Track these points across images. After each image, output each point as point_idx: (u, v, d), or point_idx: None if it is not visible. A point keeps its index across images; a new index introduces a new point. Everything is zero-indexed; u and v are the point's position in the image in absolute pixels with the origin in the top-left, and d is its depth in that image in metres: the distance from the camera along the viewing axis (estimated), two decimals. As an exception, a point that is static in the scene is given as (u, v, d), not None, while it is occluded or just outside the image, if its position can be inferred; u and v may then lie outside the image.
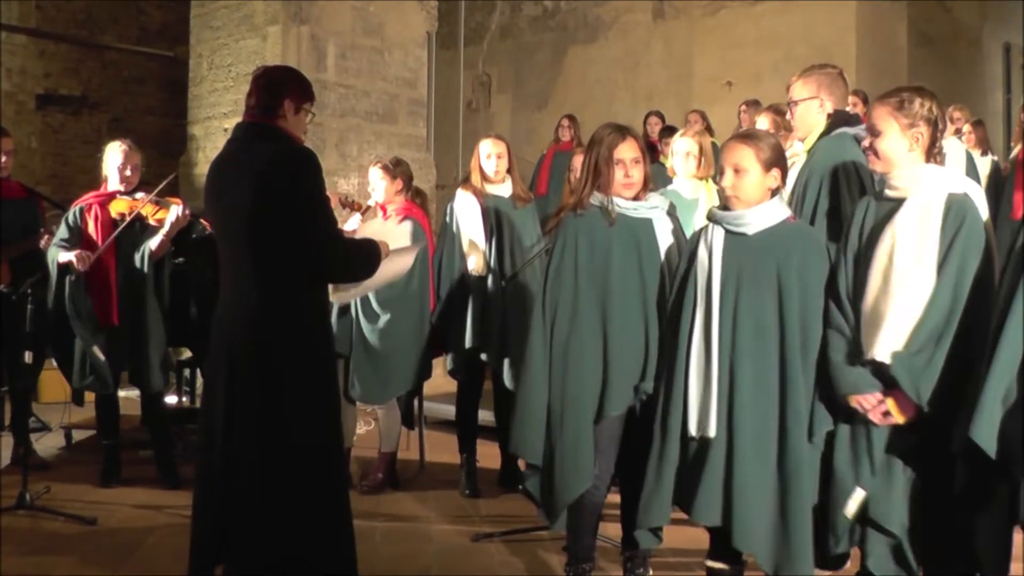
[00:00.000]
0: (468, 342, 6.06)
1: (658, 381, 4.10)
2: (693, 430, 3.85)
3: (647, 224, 4.32)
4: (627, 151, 4.32)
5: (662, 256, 4.29)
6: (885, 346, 3.48)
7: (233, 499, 3.85)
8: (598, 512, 4.44)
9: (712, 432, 3.79)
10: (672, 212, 4.46)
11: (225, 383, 3.88)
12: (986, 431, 3.18)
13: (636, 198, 4.35)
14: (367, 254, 4.13)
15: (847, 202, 4.33)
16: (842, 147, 4.51)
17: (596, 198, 4.34)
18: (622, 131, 4.38)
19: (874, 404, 3.52)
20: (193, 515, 4.03)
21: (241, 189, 3.83)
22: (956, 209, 3.48)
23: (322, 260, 3.91)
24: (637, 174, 4.33)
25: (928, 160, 3.65)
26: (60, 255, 6.16)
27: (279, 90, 3.97)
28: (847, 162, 4.44)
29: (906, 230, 3.51)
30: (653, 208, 4.36)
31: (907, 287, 3.46)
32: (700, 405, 3.84)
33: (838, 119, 4.63)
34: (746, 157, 3.89)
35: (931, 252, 3.46)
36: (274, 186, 3.79)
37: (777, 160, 3.90)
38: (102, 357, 6.16)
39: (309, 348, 3.91)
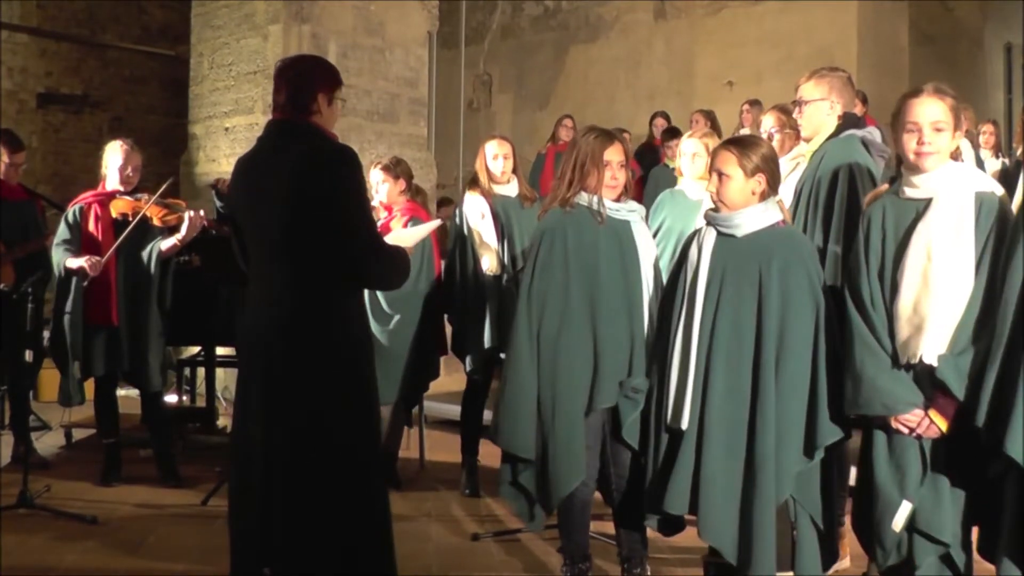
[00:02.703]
0: (488, 342, 6.06)
1: (650, 378, 4.17)
2: (670, 422, 3.93)
3: (626, 226, 4.42)
4: (615, 154, 4.41)
5: (641, 257, 4.38)
6: (932, 348, 3.44)
7: (274, 505, 3.77)
8: (588, 509, 4.47)
9: (685, 424, 3.86)
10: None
11: (262, 389, 3.79)
12: (1018, 442, 3.18)
13: (617, 201, 4.45)
14: (400, 264, 3.97)
15: (863, 203, 4.34)
16: (852, 149, 4.53)
17: (583, 198, 4.39)
18: (609, 135, 4.47)
19: (916, 423, 3.48)
20: (231, 525, 3.94)
21: (279, 191, 3.72)
22: (987, 206, 3.47)
23: (362, 267, 3.80)
24: (621, 177, 4.44)
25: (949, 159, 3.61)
26: (68, 260, 6.14)
27: (311, 85, 3.83)
28: (860, 164, 4.45)
29: (942, 229, 3.47)
30: (631, 212, 4.47)
31: (949, 287, 3.43)
32: (676, 398, 3.91)
33: (848, 122, 4.66)
34: (728, 163, 3.94)
35: (968, 251, 3.43)
36: (315, 187, 3.69)
37: (762, 166, 3.91)
38: (78, 375, 6.20)
39: (349, 351, 3.83)
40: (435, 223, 4.95)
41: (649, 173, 10.06)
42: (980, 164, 8.80)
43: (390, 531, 3.92)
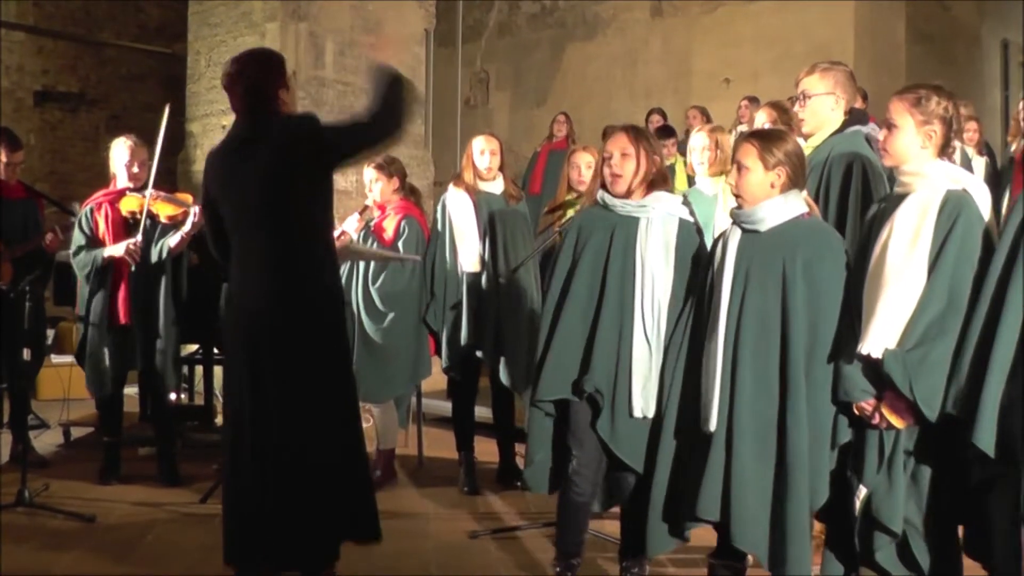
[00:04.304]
0: (464, 339, 6.05)
1: (681, 380, 4.04)
2: (702, 426, 3.85)
3: (630, 222, 4.28)
4: (613, 145, 4.34)
5: (639, 256, 4.23)
6: (874, 341, 3.47)
7: (269, 477, 3.94)
8: (585, 509, 4.42)
9: (712, 427, 3.77)
10: (687, 213, 4.41)
11: (250, 366, 3.94)
12: (987, 434, 3.21)
13: (631, 194, 4.33)
14: (396, 92, 4.06)
15: (875, 199, 4.33)
16: (860, 145, 4.51)
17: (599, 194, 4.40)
18: (616, 127, 4.43)
19: (869, 412, 3.52)
20: (225, 508, 4.09)
21: (257, 169, 3.87)
22: (952, 205, 3.46)
23: (373, 136, 4.08)
24: (624, 168, 4.30)
25: (939, 159, 3.62)
26: (104, 251, 6.13)
27: (268, 88, 3.97)
28: (871, 159, 4.44)
29: (902, 225, 3.50)
30: (642, 207, 4.30)
31: (897, 282, 3.45)
32: (703, 400, 3.84)
33: (855, 117, 4.64)
34: (748, 155, 3.88)
35: (923, 248, 3.45)
36: (290, 146, 3.86)
37: (784, 160, 3.85)
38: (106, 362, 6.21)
39: (331, 323, 4.03)
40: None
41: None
42: (967, 162, 8.79)
43: (370, 483, 4.29)
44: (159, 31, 13.23)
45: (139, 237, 6.10)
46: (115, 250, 6.11)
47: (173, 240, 6.23)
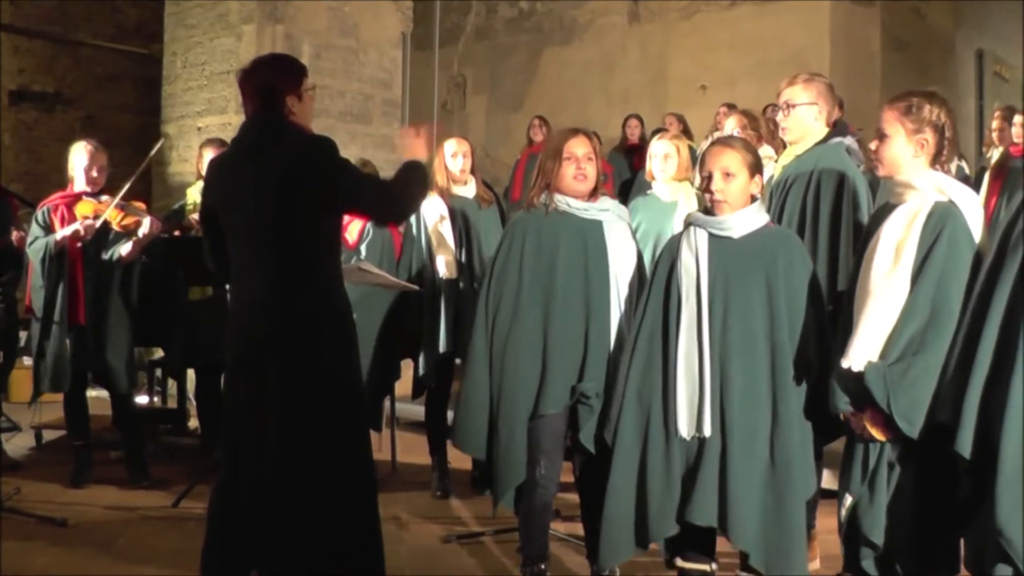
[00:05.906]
0: (443, 347, 6.02)
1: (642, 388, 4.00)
2: (684, 432, 3.82)
3: (596, 226, 4.33)
4: (578, 146, 4.34)
5: (611, 259, 4.28)
6: (857, 354, 3.46)
7: (264, 500, 3.82)
8: (548, 511, 4.45)
9: (707, 432, 3.78)
10: (627, 215, 4.52)
11: (254, 384, 3.84)
12: (967, 441, 3.20)
13: (589, 198, 4.36)
14: (415, 180, 4.02)
15: (864, 212, 4.36)
16: (843, 157, 4.54)
17: (545, 196, 4.36)
18: (574, 129, 4.43)
19: (853, 422, 3.53)
20: (210, 520, 3.97)
21: (265, 190, 3.77)
22: (937, 217, 3.44)
23: (387, 211, 4.10)
24: (591, 170, 4.34)
25: (933, 168, 3.59)
26: (59, 233, 6.10)
27: (277, 91, 3.86)
28: (857, 177, 4.46)
29: (887, 237, 3.49)
30: (604, 211, 4.36)
31: (880, 295, 3.44)
32: (693, 406, 3.82)
33: (838, 129, 4.67)
34: (735, 162, 3.90)
35: (907, 260, 3.43)
36: (303, 180, 3.75)
37: (759, 167, 3.94)
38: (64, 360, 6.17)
39: (341, 343, 3.93)
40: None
41: (635, 177, 10.03)
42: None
43: (379, 529, 4.02)
44: (136, 31, 13.16)
45: (93, 221, 6.08)
46: (68, 230, 6.08)
47: (124, 248, 6.20)
